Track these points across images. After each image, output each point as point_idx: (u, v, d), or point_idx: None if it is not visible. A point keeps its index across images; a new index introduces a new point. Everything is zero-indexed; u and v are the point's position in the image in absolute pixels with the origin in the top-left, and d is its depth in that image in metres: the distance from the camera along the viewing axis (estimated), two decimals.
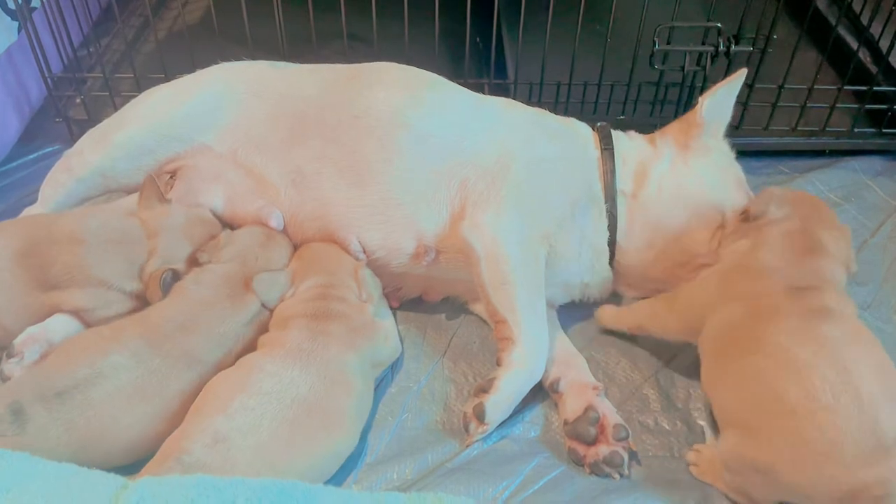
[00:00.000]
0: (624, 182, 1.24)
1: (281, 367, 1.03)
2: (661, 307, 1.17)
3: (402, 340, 1.24)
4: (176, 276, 1.14)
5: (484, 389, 1.10)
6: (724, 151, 1.28)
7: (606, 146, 1.26)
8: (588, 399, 1.10)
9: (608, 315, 1.26)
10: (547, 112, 1.33)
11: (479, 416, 1.09)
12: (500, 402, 1.10)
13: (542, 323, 1.15)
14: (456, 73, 1.54)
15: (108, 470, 0.93)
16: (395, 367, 1.22)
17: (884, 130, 1.62)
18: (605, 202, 1.23)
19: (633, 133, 1.33)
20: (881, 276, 1.40)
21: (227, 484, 0.86)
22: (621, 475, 1.06)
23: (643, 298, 1.25)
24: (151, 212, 1.20)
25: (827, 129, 1.61)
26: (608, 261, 1.26)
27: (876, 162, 1.65)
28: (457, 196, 1.20)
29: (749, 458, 0.96)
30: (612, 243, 1.25)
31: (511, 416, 1.15)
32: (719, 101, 1.25)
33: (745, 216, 1.13)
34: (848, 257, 1.09)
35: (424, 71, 1.32)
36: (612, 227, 1.24)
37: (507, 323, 1.13)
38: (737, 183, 1.25)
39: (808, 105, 1.58)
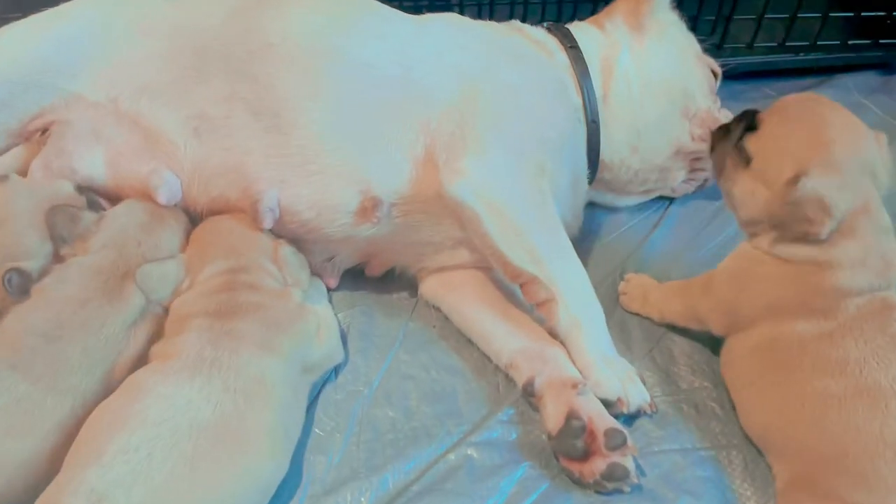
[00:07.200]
0: (595, 85, 1.14)
1: (174, 385, 0.82)
2: (696, 298, 0.97)
3: (345, 334, 1.04)
4: (23, 275, 0.92)
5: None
6: (676, 24, 1.21)
7: (571, 45, 1.15)
8: (568, 402, 0.90)
9: (637, 301, 1.07)
10: (492, 23, 1.19)
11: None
12: (601, 377, 0.93)
13: (574, 260, 1.01)
14: None
15: None
16: (338, 365, 1.01)
17: (880, 41, 1.47)
18: (587, 112, 1.12)
19: (578, 23, 1.22)
20: (893, 209, 1.22)
21: None
22: (632, 486, 0.88)
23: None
24: None
25: (818, 42, 1.45)
26: (587, 183, 1.16)
27: (871, 78, 1.50)
28: (418, 140, 1.02)
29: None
30: (594, 159, 1.14)
31: (486, 417, 0.96)
32: None
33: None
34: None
35: None
36: (595, 140, 1.13)
37: (537, 280, 0.95)
38: (696, 55, 1.20)
39: (799, 15, 1.41)
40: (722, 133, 0.96)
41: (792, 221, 0.83)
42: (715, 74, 1.20)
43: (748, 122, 0.92)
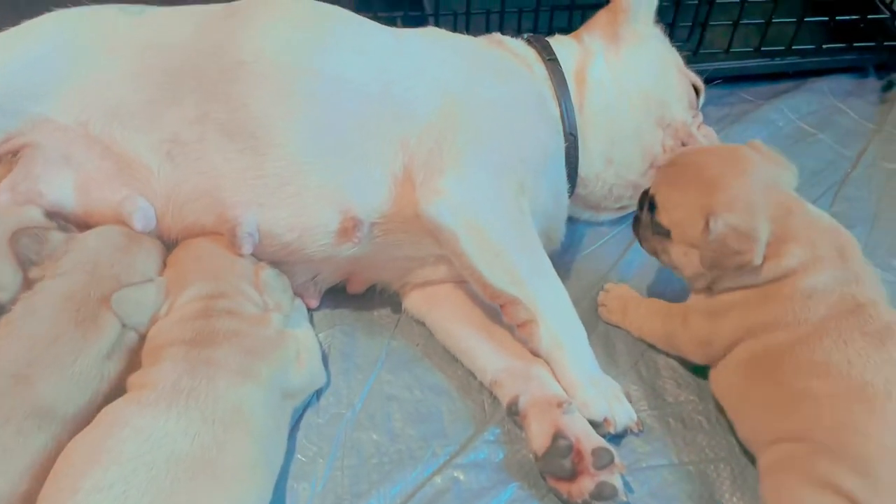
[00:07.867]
0: (571, 96, 1.12)
1: (151, 417, 0.78)
2: (676, 327, 0.97)
3: (326, 355, 1.00)
4: None
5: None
6: (657, 37, 1.19)
7: (550, 57, 1.13)
8: (553, 422, 0.88)
9: (616, 314, 1.06)
10: (472, 37, 1.15)
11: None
12: (587, 397, 0.91)
13: (554, 280, 0.98)
14: (361, 5, 1.30)
15: None
16: (319, 388, 0.98)
17: (854, 45, 1.46)
18: (565, 124, 1.09)
19: (558, 36, 1.20)
20: (872, 215, 1.23)
21: None
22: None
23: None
24: None
25: (793, 47, 1.43)
26: (567, 198, 1.13)
27: (844, 81, 1.49)
28: (397, 158, 0.98)
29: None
30: (572, 173, 1.11)
31: (472, 437, 0.94)
32: None
33: None
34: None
35: (322, 2, 1.07)
36: (573, 154, 1.10)
37: (518, 301, 0.92)
38: (678, 69, 1.17)
39: (774, 20, 1.39)
40: (637, 229, 1.01)
41: (724, 259, 0.85)
42: (697, 90, 1.17)
43: (648, 207, 0.96)
